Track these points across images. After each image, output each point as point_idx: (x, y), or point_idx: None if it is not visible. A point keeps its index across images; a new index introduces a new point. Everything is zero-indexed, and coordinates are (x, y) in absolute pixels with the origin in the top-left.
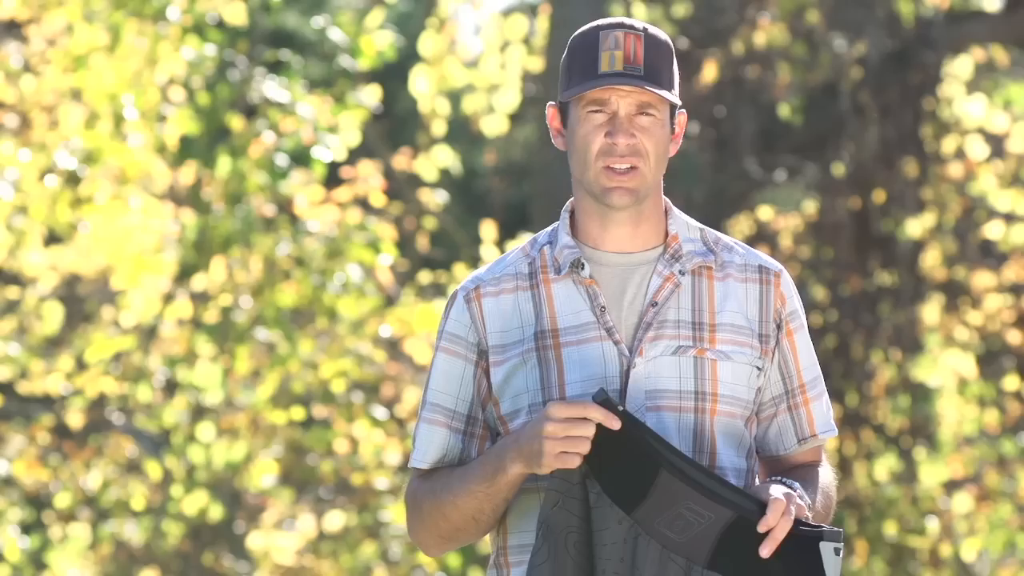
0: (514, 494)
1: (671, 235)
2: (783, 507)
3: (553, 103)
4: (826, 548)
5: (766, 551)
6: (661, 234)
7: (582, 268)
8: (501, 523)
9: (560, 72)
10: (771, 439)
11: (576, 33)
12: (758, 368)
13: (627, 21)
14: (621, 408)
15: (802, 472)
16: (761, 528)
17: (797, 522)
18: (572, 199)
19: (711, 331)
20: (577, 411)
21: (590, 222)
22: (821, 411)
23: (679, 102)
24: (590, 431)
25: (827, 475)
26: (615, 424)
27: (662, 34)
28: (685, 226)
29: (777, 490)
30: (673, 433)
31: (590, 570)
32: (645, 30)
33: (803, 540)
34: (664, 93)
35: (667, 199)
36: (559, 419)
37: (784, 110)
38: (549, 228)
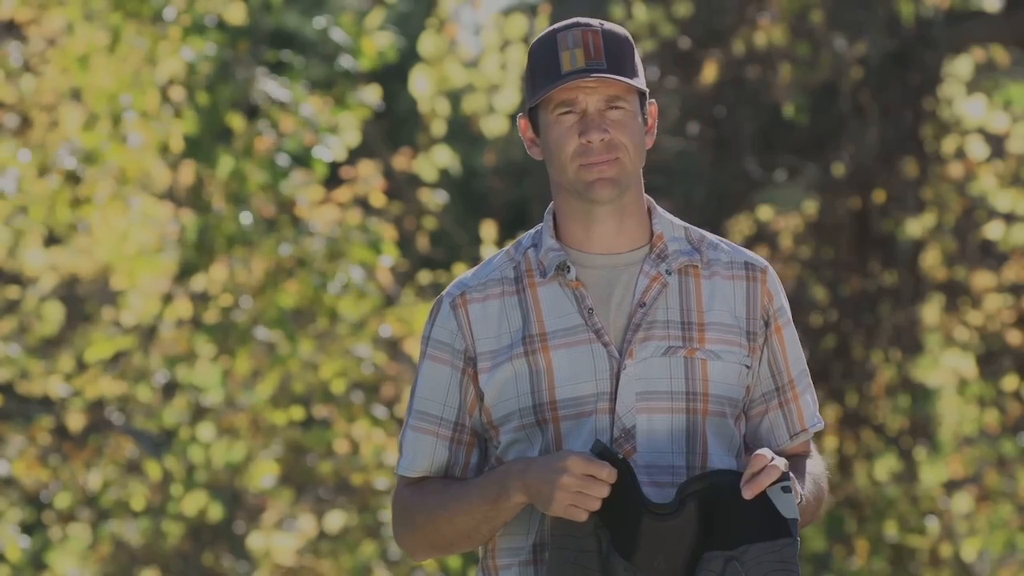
0: (512, 517)
1: (656, 234)
2: (765, 460)
3: (522, 114)
4: (773, 492)
5: (748, 493)
6: (646, 233)
7: (568, 271)
8: None
9: (524, 83)
10: (762, 435)
11: (534, 40)
12: (747, 367)
13: (582, 20)
14: (621, 456)
15: (792, 463)
16: (745, 480)
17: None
18: (553, 202)
19: (700, 331)
20: (597, 470)
21: (573, 224)
22: (809, 405)
23: (646, 89)
24: (604, 492)
25: (817, 465)
26: (612, 479)
27: (620, 29)
28: (670, 225)
29: (760, 452)
30: (665, 435)
31: None
32: (602, 25)
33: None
34: (629, 81)
35: (650, 198)
36: (578, 474)
37: (789, 109)
38: (532, 231)
